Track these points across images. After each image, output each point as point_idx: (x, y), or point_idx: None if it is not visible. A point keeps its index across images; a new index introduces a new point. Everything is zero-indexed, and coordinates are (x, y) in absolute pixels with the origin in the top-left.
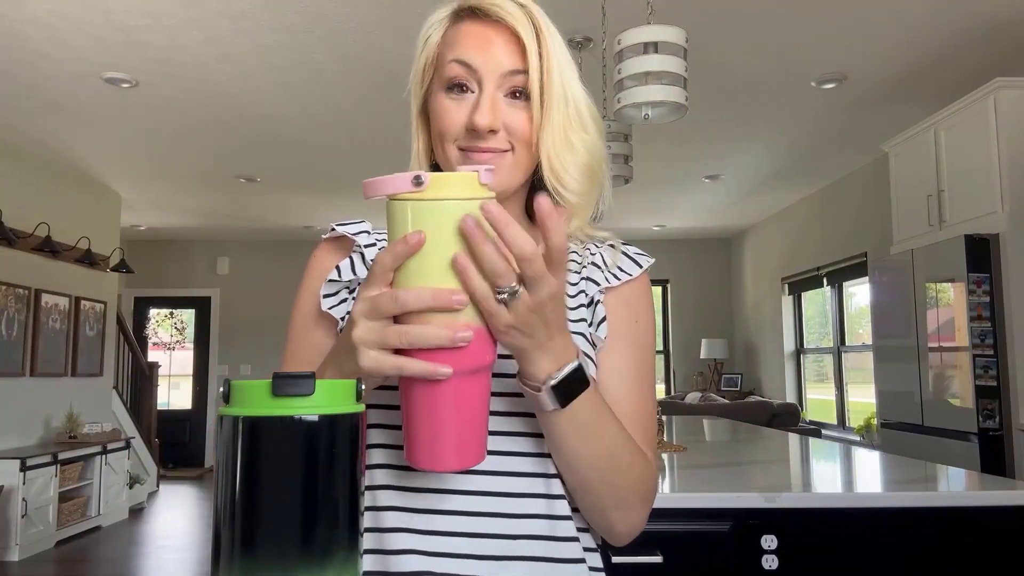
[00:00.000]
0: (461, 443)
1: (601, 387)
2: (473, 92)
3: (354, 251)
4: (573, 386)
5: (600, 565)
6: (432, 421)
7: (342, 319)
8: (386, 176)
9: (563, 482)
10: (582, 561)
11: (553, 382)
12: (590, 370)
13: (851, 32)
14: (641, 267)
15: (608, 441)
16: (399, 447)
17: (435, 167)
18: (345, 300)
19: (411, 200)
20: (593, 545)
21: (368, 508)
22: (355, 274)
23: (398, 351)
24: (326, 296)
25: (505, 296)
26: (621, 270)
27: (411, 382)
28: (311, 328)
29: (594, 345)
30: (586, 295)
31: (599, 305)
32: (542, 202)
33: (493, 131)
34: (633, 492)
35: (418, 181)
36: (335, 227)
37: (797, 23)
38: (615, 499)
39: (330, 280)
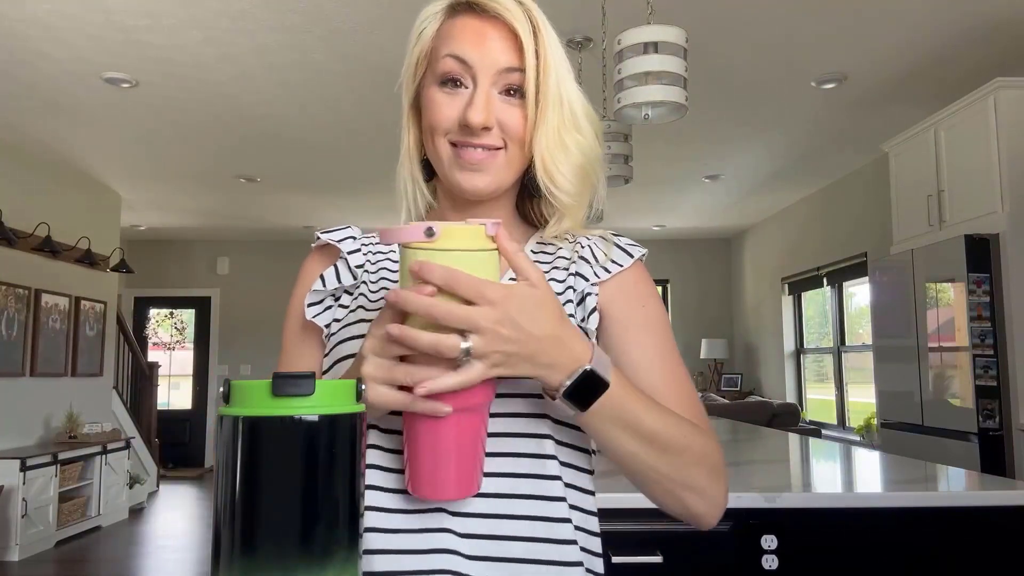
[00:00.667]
0: (460, 474)
1: (635, 379)
2: (467, 88)
3: (339, 258)
4: (587, 391)
5: (601, 571)
6: (434, 453)
7: (327, 326)
8: (400, 226)
9: (564, 483)
10: (579, 564)
11: (564, 391)
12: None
13: (851, 32)
14: (633, 256)
15: (651, 427)
16: (390, 450)
17: (425, 162)
18: (330, 307)
19: (422, 250)
20: (596, 549)
21: None
22: (340, 282)
23: (403, 387)
24: (310, 305)
25: (462, 359)
26: (613, 262)
27: (414, 416)
28: (301, 338)
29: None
30: (574, 291)
31: (589, 298)
32: (493, 231)
33: (487, 128)
34: (697, 470)
35: (430, 232)
36: (320, 235)
37: (797, 23)
38: (681, 482)
39: (314, 290)
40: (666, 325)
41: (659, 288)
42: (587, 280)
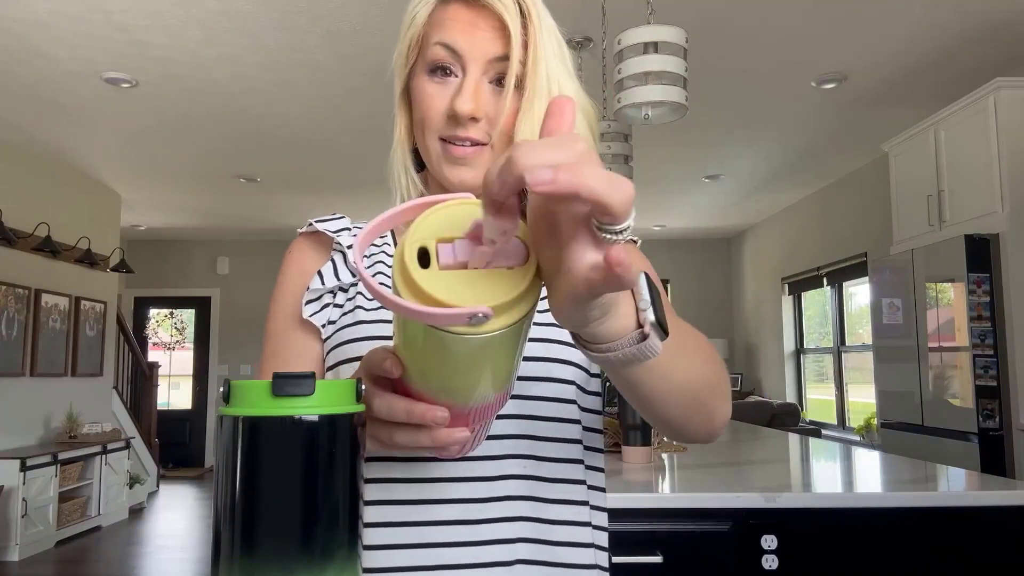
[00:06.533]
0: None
1: None
2: (457, 77)
3: (335, 250)
4: (659, 302)
5: (606, 565)
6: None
7: (323, 327)
8: (429, 310)
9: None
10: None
11: (651, 315)
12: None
13: (851, 32)
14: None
15: (695, 343)
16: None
17: (416, 151)
18: (328, 305)
19: (460, 336)
20: (605, 544)
21: None
22: (338, 279)
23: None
24: (308, 303)
25: (618, 233)
26: None
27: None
28: (292, 332)
29: None
30: None
31: None
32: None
33: (474, 119)
34: (724, 375)
35: (476, 321)
36: (313, 223)
37: (797, 23)
38: (718, 394)
39: (312, 288)
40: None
41: None
42: None
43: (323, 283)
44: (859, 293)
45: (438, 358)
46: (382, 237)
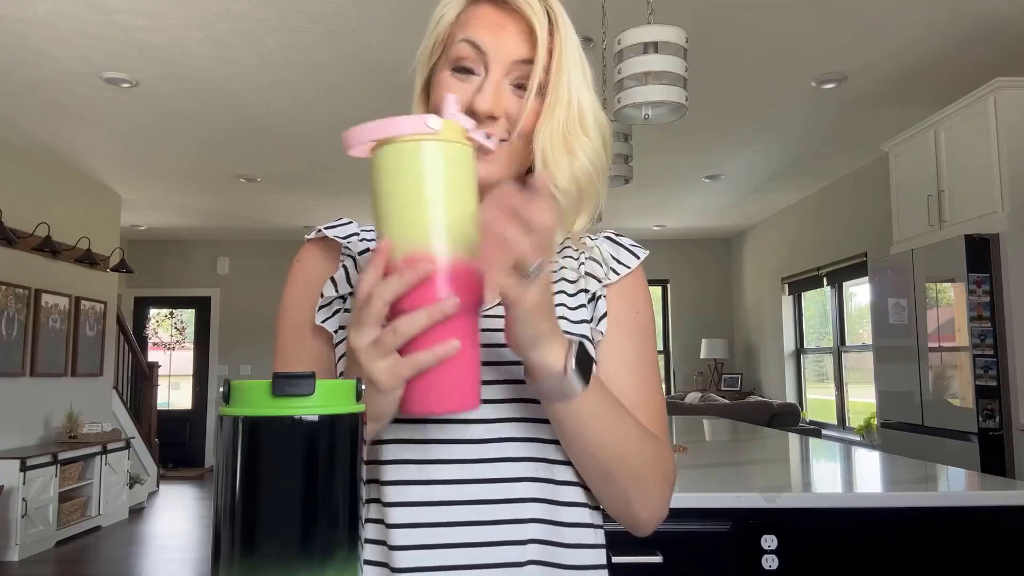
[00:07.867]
0: (463, 384)
1: (609, 378)
2: (479, 75)
3: (344, 255)
4: (588, 363)
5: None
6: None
7: (335, 332)
8: (390, 119)
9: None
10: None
11: (573, 363)
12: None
13: (851, 32)
14: (638, 258)
15: (621, 422)
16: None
17: None
18: (338, 311)
19: (433, 141)
20: (601, 542)
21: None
22: (351, 285)
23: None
24: (320, 308)
25: (531, 273)
26: (619, 262)
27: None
28: (304, 340)
29: (593, 342)
30: (586, 292)
31: (601, 300)
32: (539, 177)
33: (493, 117)
34: (652, 473)
35: (433, 122)
36: (322, 229)
37: (797, 23)
38: (636, 483)
39: (325, 294)
40: (652, 332)
41: (659, 288)
42: (599, 281)
43: (336, 290)
44: (859, 293)
45: (407, 185)
46: (369, 230)
